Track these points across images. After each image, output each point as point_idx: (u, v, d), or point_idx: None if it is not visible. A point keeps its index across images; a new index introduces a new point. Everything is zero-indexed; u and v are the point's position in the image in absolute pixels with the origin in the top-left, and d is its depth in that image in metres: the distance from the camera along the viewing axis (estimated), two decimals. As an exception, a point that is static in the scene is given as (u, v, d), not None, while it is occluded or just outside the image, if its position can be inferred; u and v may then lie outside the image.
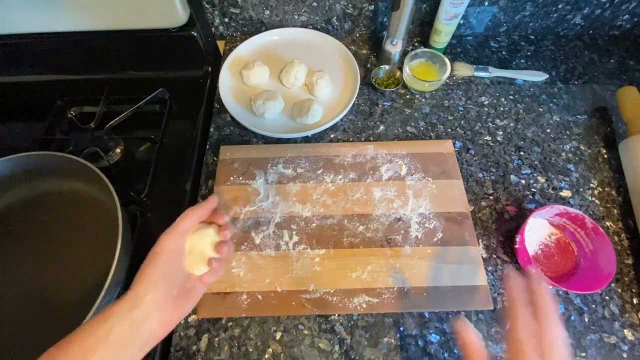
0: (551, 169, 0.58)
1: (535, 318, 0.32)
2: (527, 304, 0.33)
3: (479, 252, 0.51)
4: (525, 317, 0.32)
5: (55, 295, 0.47)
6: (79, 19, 0.60)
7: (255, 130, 0.58)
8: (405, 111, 0.65)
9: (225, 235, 0.38)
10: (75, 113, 0.64)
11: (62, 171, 0.51)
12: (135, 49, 0.66)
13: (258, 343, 0.46)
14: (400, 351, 0.45)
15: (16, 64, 0.68)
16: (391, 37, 0.64)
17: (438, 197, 0.54)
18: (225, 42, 0.74)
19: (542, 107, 0.65)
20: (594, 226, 0.48)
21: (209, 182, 0.57)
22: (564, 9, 0.69)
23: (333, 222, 0.53)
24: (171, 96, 0.65)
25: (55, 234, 0.51)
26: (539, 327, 0.31)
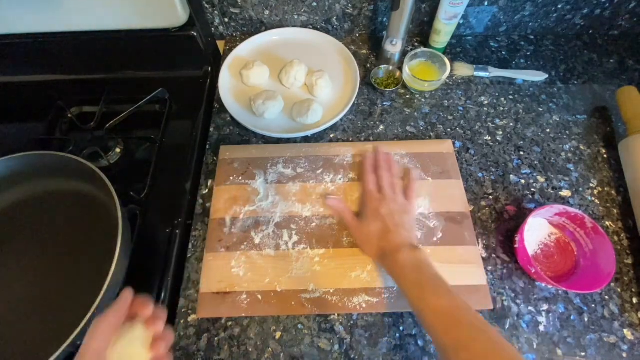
0: (551, 169, 0.58)
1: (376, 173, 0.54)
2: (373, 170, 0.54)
3: (478, 252, 0.51)
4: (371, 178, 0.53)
5: (55, 295, 0.47)
6: (79, 19, 0.60)
7: (255, 130, 0.58)
8: (405, 111, 0.65)
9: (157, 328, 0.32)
10: (75, 113, 0.64)
11: (62, 171, 0.51)
12: (135, 49, 0.66)
13: (258, 343, 0.46)
14: (400, 351, 0.45)
15: (16, 64, 0.68)
16: (391, 37, 0.64)
17: (438, 197, 0.54)
18: (225, 42, 0.74)
19: (542, 107, 0.65)
20: (594, 226, 0.48)
21: (208, 182, 0.57)
22: (563, 9, 0.69)
23: (333, 222, 0.53)
24: (171, 96, 0.65)
25: (55, 234, 0.51)
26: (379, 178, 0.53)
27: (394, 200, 0.50)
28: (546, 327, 0.47)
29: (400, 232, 0.46)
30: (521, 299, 0.48)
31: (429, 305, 0.38)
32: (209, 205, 0.54)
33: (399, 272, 0.43)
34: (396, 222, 0.47)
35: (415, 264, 0.43)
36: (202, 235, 0.53)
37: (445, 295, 0.39)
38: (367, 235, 0.48)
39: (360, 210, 0.52)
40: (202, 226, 0.53)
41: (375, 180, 0.53)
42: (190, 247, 0.52)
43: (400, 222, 0.47)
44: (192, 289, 0.49)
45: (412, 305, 0.40)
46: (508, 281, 0.49)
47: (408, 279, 0.42)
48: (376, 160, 0.55)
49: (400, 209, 0.49)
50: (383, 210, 0.48)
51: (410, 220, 0.49)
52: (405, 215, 0.49)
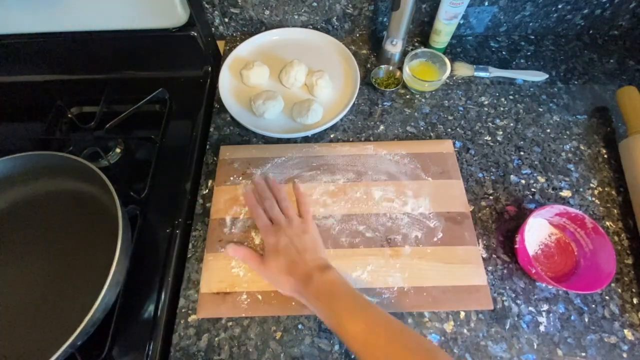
0: (551, 169, 0.58)
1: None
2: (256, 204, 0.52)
3: (478, 252, 0.51)
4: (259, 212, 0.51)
5: (55, 295, 0.47)
6: (79, 19, 0.60)
7: (255, 130, 0.58)
8: (405, 111, 0.65)
9: None
10: (75, 113, 0.64)
11: (62, 171, 0.51)
12: (135, 49, 0.66)
13: (258, 343, 0.46)
14: (400, 351, 0.45)
15: (16, 64, 0.67)
16: (391, 37, 0.64)
17: (438, 197, 0.54)
18: (225, 42, 0.74)
19: (542, 107, 0.65)
20: (594, 226, 0.48)
21: (209, 182, 0.57)
22: (564, 9, 0.69)
23: (333, 222, 0.53)
24: (171, 96, 0.65)
25: (55, 234, 0.51)
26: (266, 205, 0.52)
27: (289, 226, 0.48)
28: (546, 328, 0.47)
29: (305, 258, 0.44)
30: (521, 299, 0.48)
31: (347, 332, 0.38)
32: (209, 205, 0.54)
33: (315, 304, 0.41)
34: (298, 249, 0.45)
35: (326, 289, 0.41)
36: (202, 235, 0.53)
37: (359, 318, 0.38)
38: (274, 273, 0.45)
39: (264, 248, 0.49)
40: (202, 226, 0.53)
41: (263, 213, 0.51)
42: (190, 247, 0.52)
43: (302, 247, 0.46)
44: (192, 289, 0.49)
45: (335, 334, 0.41)
46: (508, 281, 0.49)
47: (324, 309, 0.41)
48: (257, 190, 0.54)
49: (298, 231, 0.48)
50: (281, 242, 0.46)
51: (311, 239, 0.48)
52: (305, 235, 0.47)
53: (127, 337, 0.46)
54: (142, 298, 0.48)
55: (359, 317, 0.39)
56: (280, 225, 0.48)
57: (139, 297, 0.48)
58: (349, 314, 0.39)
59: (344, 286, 0.42)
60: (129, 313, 0.47)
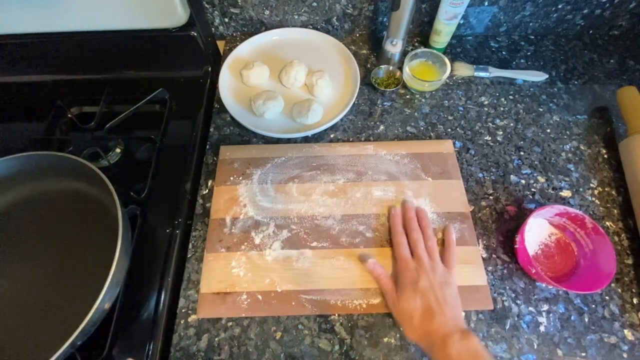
0: (551, 169, 0.58)
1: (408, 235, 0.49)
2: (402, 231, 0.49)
3: (478, 252, 0.51)
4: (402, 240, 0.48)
5: (55, 295, 0.47)
6: (79, 19, 0.60)
7: (255, 130, 0.58)
8: (405, 111, 0.65)
9: None
10: (75, 113, 0.64)
11: (62, 171, 0.51)
12: (135, 49, 0.66)
13: (258, 343, 0.46)
14: (400, 351, 0.45)
15: (16, 64, 0.67)
16: (391, 37, 0.64)
17: (438, 197, 0.54)
18: (225, 42, 0.74)
19: (542, 107, 0.65)
20: (594, 226, 0.48)
21: (209, 182, 0.57)
22: (564, 9, 0.69)
23: (333, 222, 0.53)
24: (171, 96, 0.65)
25: (55, 233, 0.51)
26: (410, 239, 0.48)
27: (433, 270, 0.45)
28: (546, 328, 0.47)
29: (446, 314, 0.41)
30: (521, 299, 0.48)
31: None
32: (209, 205, 0.54)
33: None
34: (438, 298, 0.42)
35: (469, 355, 0.38)
36: (202, 236, 0.53)
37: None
38: (408, 313, 0.42)
39: (397, 280, 0.46)
40: (202, 226, 0.53)
41: (407, 243, 0.47)
42: (190, 247, 0.52)
43: (443, 299, 0.42)
44: (192, 289, 0.49)
45: None
46: (508, 281, 0.49)
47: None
48: (405, 217, 0.49)
49: (441, 281, 0.44)
50: (422, 284, 0.43)
51: (453, 294, 0.44)
52: (448, 289, 0.44)
53: (127, 337, 0.46)
54: (142, 298, 0.48)
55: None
56: (423, 264, 0.45)
57: (139, 297, 0.48)
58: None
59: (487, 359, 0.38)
60: (129, 313, 0.47)
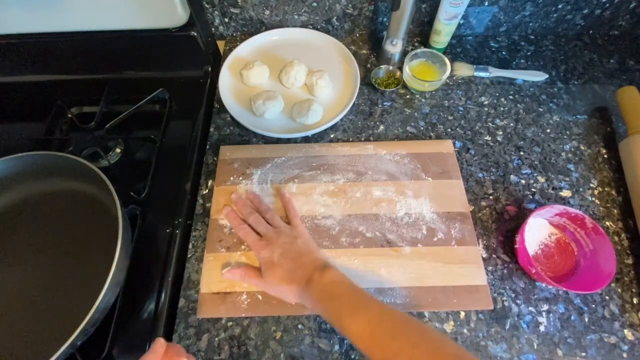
0: (551, 169, 0.58)
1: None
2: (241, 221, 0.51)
3: (478, 252, 0.51)
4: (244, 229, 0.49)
5: (55, 295, 0.47)
6: (79, 19, 0.60)
7: (255, 130, 0.58)
8: (405, 111, 0.65)
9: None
10: (75, 113, 0.64)
11: (62, 171, 0.51)
12: (135, 49, 0.66)
13: (258, 343, 0.46)
14: (400, 351, 0.45)
15: (16, 64, 0.67)
16: (391, 37, 0.64)
17: (438, 197, 0.54)
18: (225, 42, 0.74)
19: (542, 107, 0.65)
20: (594, 226, 0.48)
21: (209, 182, 0.57)
22: (564, 9, 0.69)
23: (333, 222, 0.53)
24: (171, 96, 0.65)
25: (55, 234, 0.51)
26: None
27: (279, 236, 0.47)
28: (546, 328, 0.47)
29: (302, 262, 0.44)
30: (521, 299, 0.48)
31: (351, 331, 0.37)
32: (209, 205, 0.54)
33: (318, 307, 0.41)
34: (293, 256, 0.45)
35: (327, 289, 0.41)
36: (202, 235, 0.53)
37: (362, 315, 0.38)
38: (276, 285, 0.44)
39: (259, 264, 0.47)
40: (202, 226, 0.53)
41: (249, 229, 0.49)
42: (190, 247, 0.52)
43: (297, 253, 0.45)
44: (192, 289, 0.49)
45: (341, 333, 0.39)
46: (508, 281, 0.49)
47: (327, 310, 0.40)
48: (238, 208, 0.52)
49: (289, 239, 0.47)
50: (275, 254, 0.45)
51: (305, 243, 0.47)
52: (298, 240, 0.47)
53: (127, 337, 0.46)
54: (142, 298, 0.48)
55: (362, 314, 0.38)
56: (270, 237, 0.47)
57: (139, 297, 0.48)
58: (352, 312, 0.38)
59: (345, 284, 0.41)
60: (129, 313, 0.47)
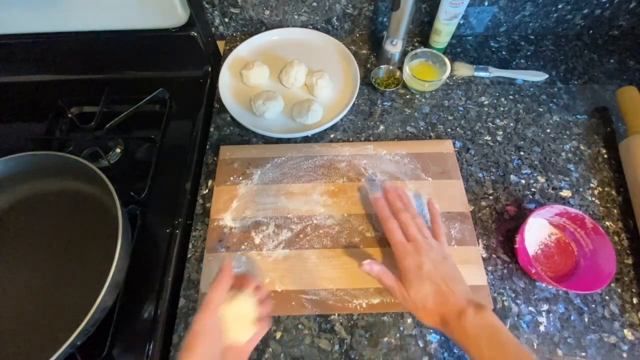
0: (551, 169, 0.58)
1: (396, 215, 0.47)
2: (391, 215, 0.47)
3: (478, 252, 0.51)
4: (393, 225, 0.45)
5: (55, 295, 0.47)
6: (79, 19, 0.60)
7: (255, 130, 0.58)
8: (405, 111, 0.65)
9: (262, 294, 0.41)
10: (75, 113, 0.64)
11: (62, 171, 0.51)
12: (135, 49, 0.66)
13: (258, 343, 0.45)
14: (400, 351, 0.45)
15: (16, 64, 0.67)
16: (391, 37, 0.64)
17: (438, 197, 0.54)
18: (225, 42, 0.74)
19: (542, 107, 0.65)
20: (594, 226, 0.48)
21: (209, 182, 0.57)
22: (564, 9, 0.69)
23: (333, 222, 0.53)
24: (171, 96, 0.65)
25: (55, 234, 0.51)
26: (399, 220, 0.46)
27: (430, 248, 0.43)
28: (546, 327, 0.47)
29: (456, 290, 0.40)
30: (521, 299, 0.48)
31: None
32: (209, 205, 0.54)
33: (472, 346, 0.37)
34: (445, 278, 0.41)
35: (488, 332, 0.37)
36: (202, 235, 0.53)
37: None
38: (421, 301, 0.41)
39: (399, 270, 0.43)
40: (202, 226, 0.53)
41: (398, 227, 0.45)
42: (190, 247, 0.52)
43: (449, 277, 0.41)
44: (192, 289, 0.49)
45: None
46: (508, 281, 0.49)
47: (480, 349, 0.36)
48: (388, 199, 0.48)
49: (441, 258, 0.43)
50: (425, 267, 0.41)
51: (454, 267, 0.43)
52: (449, 264, 0.43)
53: (127, 337, 0.46)
54: (142, 298, 0.48)
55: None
56: (421, 245, 0.43)
57: (139, 297, 0.48)
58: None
59: (506, 334, 0.37)
60: (129, 313, 0.47)
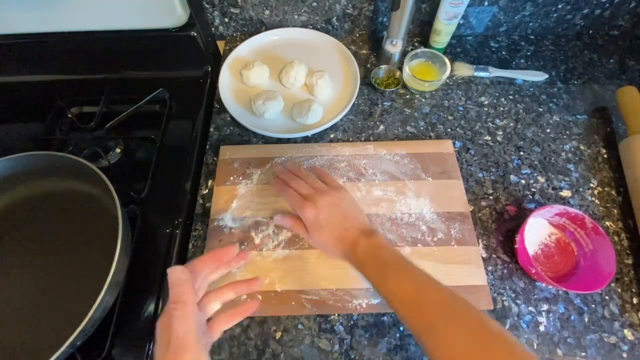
0: (551, 169, 0.58)
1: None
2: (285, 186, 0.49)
3: (478, 252, 0.51)
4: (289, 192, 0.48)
5: (55, 295, 0.47)
6: (79, 19, 0.60)
7: (255, 130, 0.58)
8: (405, 111, 0.65)
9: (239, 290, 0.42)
10: (75, 113, 0.64)
11: (62, 171, 0.51)
12: (135, 49, 0.66)
13: (258, 343, 0.46)
14: (400, 351, 0.45)
15: (16, 64, 0.67)
16: (391, 37, 0.64)
17: (438, 197, 0.54)
18: (225, 42, 0.74)
19: (542, 107, 0.65)
20: (594, 226, 0.48)
21: (209, 182, 0.57)
22: (564, 9, 0.69)
23: (333, 222, 0.53)
24: (171, 96, 0.65)
25: (55, 234, 0.51)
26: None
27: (323, 196, 0.46)
28: (546, 327, 0.47)
29: (349, 224, 0.44)
30: (521, 299, 0.48)
31: (391, 292, 0.38)
32: (209, 205, 0.54)
33: (361, 268, 0.41)
34: (338, 218, 0.45)
35: (373, 253, 0.41)
36: (202, 236, 0.53)
37: (405, 278, 0.38)
38: (324, 245, 0.45)
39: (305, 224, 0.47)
40: (202, 226, 0.53)
41: (293, 191, 0.48)
42: (190, 247, 0.52)
43: (343, 216, 0.45)
44: (192, 289, 0.49)
45: (381, 296, 0.39)
46: (508, 281, 0.49)
47: (369, 270, 0.40)
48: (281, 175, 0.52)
49: (335, 201, 0.46)
50: (321, 216, 0.44)
51: (350, 205, 0.47)
52: (343, 203, 0.46)
53: (127, 337, 0.46)
54: (142, 298, 0.48)
55: (407, 280, 0.38)
56: (314, 198, 0.46)
57: (139, 297, 0.48)
58: (396, 275, 0.38)
59: (390, 250, 0.41)
60: (129, 313, 0.47)
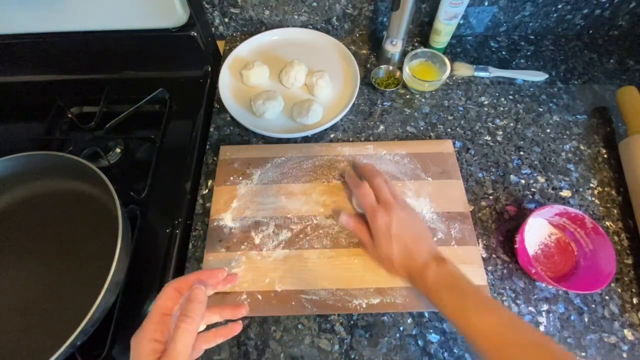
0: (551, 169, 0.58)
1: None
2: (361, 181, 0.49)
3: (478, 252, 0.51)
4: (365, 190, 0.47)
5: (55, 295, 0.47)
6: (79, 19, 0.60)
7: (255, 130, 0.58)
8: (405, 111, 0.65)
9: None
10: (75, 113, 0.64)
11: (62, 171, 0.51)
12: (135, 49, 0.66)
13: (258, 343, 0.46)
14: (400, 351, 0.45)
15: (16, 64, 0.67)
16: (391, 37, 0.64)
17: (438, 197, 0.54)
18: (225, 42, 0.74)
19: (542, 107, 0.65)
20: (594, 226, 0.48)
21: (209, 182, 0.57)
22: (564, 9, 0.69)
23: (333, 222, 0.53)
24: (171, 96, 0.65)
25: (55, 234, 0.51)
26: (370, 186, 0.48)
27: (400, 209, 0.45)
28: (546, 327, 0.47)
29: (422, 247, 0.43)
30: (521, 299, 0.48)
31: (473, 328, 0.37)
32: (209, 205, 0.54)
33: (434, 295, 0.40)
34: (411, 235, 0.44)
35: (447, 280, 0.40)
36: (202, 235, 0.53)
37: (489, 314, 0.37)
38: (389, 258, 0.44)
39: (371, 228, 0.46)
40: (202, 226, 0.53)
41: (370, 192, 0.47)
42: (190, 247, 0.52)
43: (416, 234, 0.44)
44: (192, 289, 0.49)
45: (458, 329, 0.39)
46: (508, 281, 0.49)
47: (445, 301, 0.39)
48: (360, 170, 0.51)
49: (409, 217, 0.46)
50: (394, 226, 0.44)
51: (422, 225, 0.47)
52: (416, 221, 0.46)
53: (127, 337, 0.45)
54: (142, 298, 0.48)
55: (490, 315, 0.37)
56: (392, 206, 0.45)
57: (139, 297, 0.48)
58: (477, 309, 0.38)
59: (465, 280, 0.40)
60: (129, 313, 0.47)
